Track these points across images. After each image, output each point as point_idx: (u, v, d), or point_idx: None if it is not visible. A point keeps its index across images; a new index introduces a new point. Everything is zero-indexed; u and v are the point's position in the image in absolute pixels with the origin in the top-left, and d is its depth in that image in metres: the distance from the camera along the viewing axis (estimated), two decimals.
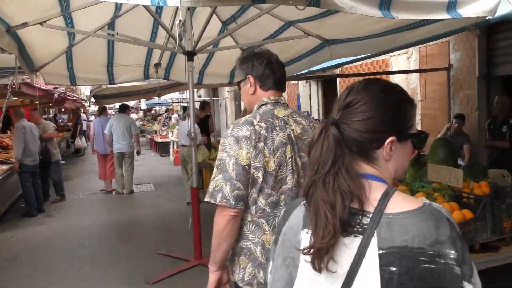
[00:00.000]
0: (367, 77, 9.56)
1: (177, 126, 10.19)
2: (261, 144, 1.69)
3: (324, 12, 4.04)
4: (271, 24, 4.59)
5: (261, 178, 1.69)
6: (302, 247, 0.94)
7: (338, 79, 10.81)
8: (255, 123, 1.72)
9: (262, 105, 1.83)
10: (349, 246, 0.88)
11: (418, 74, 7.58)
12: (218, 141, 9.26)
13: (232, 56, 5.97)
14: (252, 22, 4.27)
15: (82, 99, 15.60)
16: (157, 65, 5.51)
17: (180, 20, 1.92)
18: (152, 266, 4.55)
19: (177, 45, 2.80)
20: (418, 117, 7.47)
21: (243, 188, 1.67)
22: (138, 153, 8.94)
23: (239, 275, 1.76)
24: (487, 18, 2.71)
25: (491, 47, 6.20)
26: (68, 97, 11.74)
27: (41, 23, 3.54)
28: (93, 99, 9.47)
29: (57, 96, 9.70)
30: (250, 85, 1.87)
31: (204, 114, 8.18)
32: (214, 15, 4.50)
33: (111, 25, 4.64)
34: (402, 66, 8.17)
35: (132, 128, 8.30)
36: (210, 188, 1.68)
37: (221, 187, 1.65)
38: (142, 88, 8.25)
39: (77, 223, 6.43)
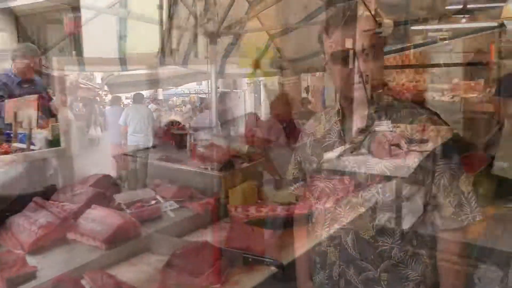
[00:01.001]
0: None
1: (194, 118, 9.67)
2: None
3: None
4: (308, 3, 3.95)
5: None
6: None
7: None
8: None
9: None
10: None
11: (461, 68, 6.90)
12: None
13: (257, 43, 5.37)
14: (285, 1, 3.68)
15: (97, 88, 15.31)
16: (174, 51, 4.92)
17: None
18: None
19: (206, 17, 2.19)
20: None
21: None
22: (155, 146, 8.39)
23: None
24: None
25: None
26: (82, 85, 11.33)
27: None
28: (106, 88, 8.99)
29: (69, 84, 9.25)
30: None
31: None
32: None
33: (122, 3, 4.11)
34: (442, 59, 7.45)
35: (152, 120, 7.78)
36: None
37: None
38: (158, 77, 7.71)
39: None
